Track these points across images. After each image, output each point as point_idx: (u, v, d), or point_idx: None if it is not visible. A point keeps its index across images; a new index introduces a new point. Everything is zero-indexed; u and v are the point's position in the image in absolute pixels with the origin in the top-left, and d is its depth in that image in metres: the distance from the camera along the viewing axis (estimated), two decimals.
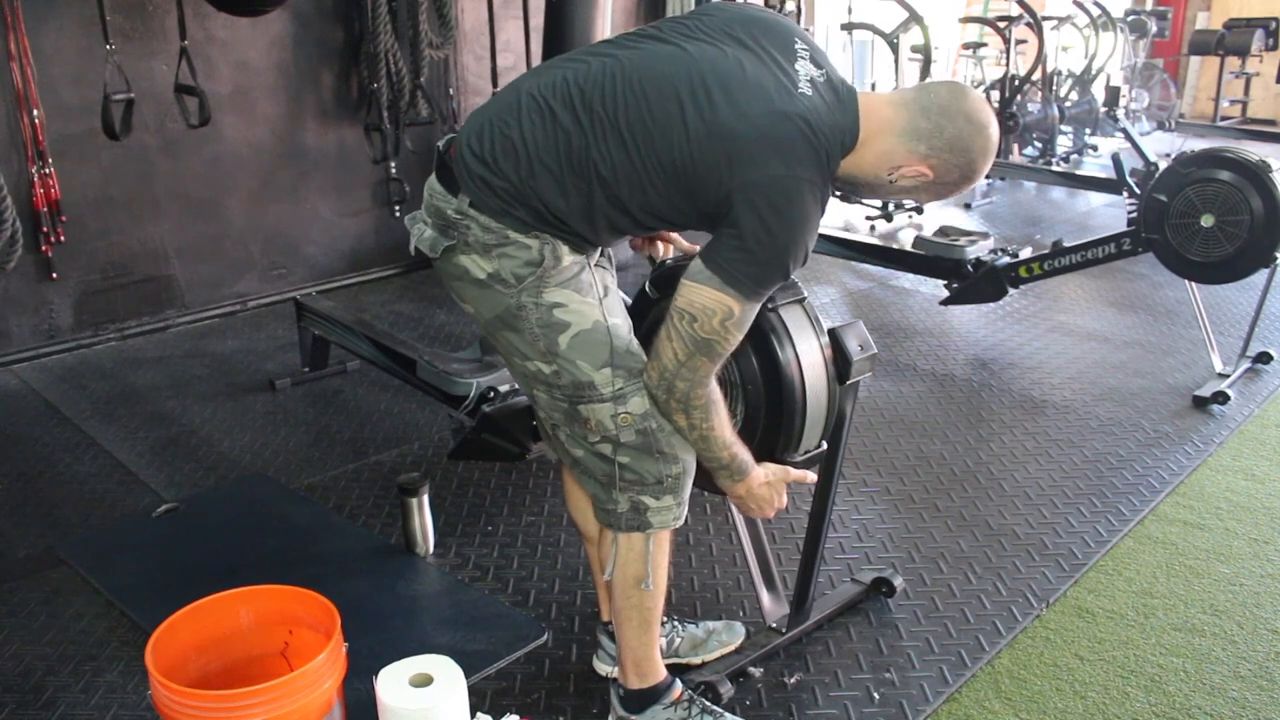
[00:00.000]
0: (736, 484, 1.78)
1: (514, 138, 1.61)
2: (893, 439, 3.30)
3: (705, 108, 1.55)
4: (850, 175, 1.67)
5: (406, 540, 2.63)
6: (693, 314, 1.59)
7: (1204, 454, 3.18)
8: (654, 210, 1.63)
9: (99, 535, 2.74)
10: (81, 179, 4.08)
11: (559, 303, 1.66)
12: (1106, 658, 2.24)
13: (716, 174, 1.55)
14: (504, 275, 1.65)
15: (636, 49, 1.64)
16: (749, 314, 1.62)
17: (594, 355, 1.68)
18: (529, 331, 1.68)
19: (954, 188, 1.68)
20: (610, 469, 1.75)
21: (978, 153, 1.63)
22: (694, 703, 1.93)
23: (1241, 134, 8.00)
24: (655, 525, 1.78)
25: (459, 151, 1.66)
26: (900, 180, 1.66)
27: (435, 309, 4.65)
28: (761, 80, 1.57)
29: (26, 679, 2.17)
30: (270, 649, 1.84)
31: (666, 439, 1.73)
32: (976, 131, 1.62)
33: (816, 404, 1.86)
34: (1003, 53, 7.62)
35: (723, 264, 1.57)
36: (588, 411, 1.71)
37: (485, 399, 2.71)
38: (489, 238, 1.64)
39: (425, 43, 4.71)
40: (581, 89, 1.60)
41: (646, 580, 1.81)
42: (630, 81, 1.58)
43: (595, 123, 1.58)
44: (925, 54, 6.82)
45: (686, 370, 1.63)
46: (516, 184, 1.61)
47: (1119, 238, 3.86)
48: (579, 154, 1.58)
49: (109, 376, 3.89)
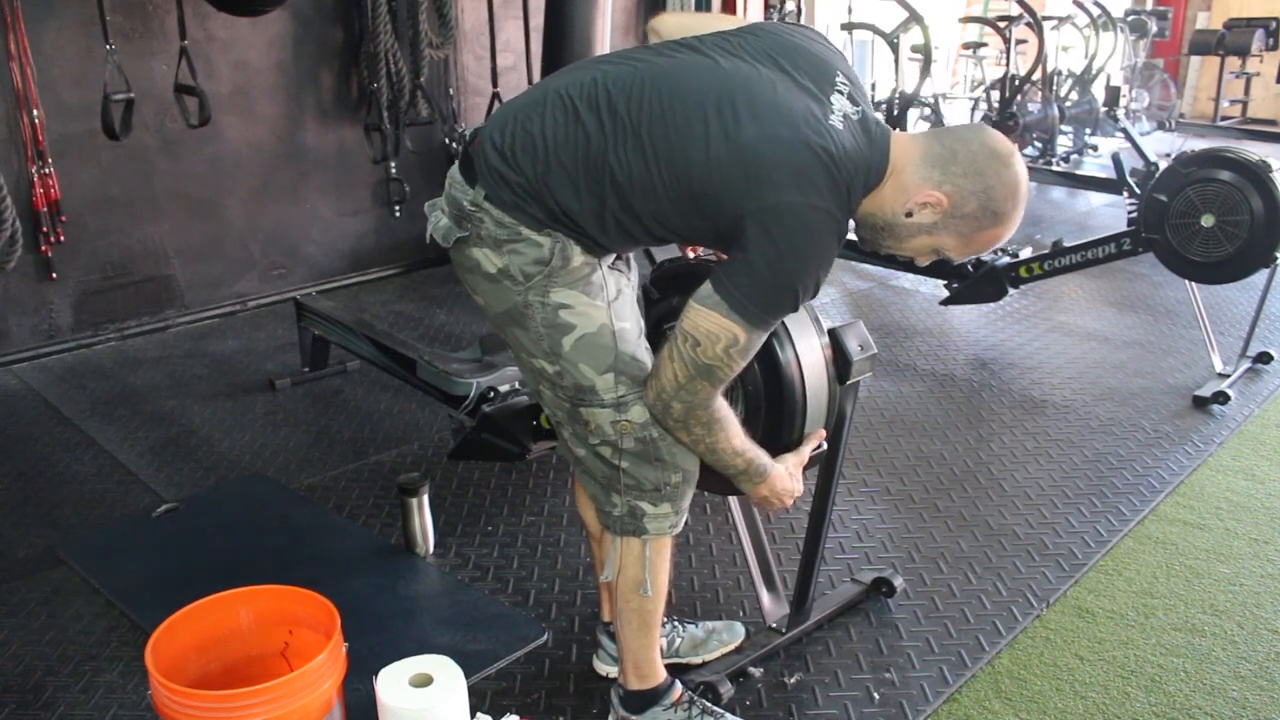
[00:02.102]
0: (758, 486, 1.77)
1: (534, 133, 1.59)
2: (893, 439, 3.30)
3: (730, 126, 1.52)
4: (871, 215, 1.64)
5: (406, 540, 2.63)
6: (696, 338, 1.56)
7: (1204, 454, 3.18)
8: (666, 222, 1.61)
9: (99, 535, 2.74)
10: (81, 179, 4.07)
11: (565, 304, 1.65)
12: (1106, 658, 2.24)
13: (732, 194, 1.52)
14: (513, 271, 1.64)
15: (672, 58, 1.62)
16: (755, 342, 1.59)
17: (597, 360, 1.66)
18: (535, 330, 1.67)
19: (977, 224, 1.59)
20: (609, 471, 1.75)
21: (993, 178, 1.56)
22: (694, 704, 1.93)
23: (1242, 134, 7.99)
24: (651, 532, 1.78)
25: (480, 143, 1.65)
26: (918, 215, 1.60)
27: (435, 309, 4.65)
28: (792, 106, 1.54)
29: (26, 679, 2.17)
30: (270, 649, 1.84)
31: (667, 447, 1.72)
32: (993, 156, 1.56)
33: (816, 404, 1.85)
34: (1003, 53, 7.62)
35: (731, 289, 1.54)
36: (588, 415, 1.70)
37: (485, 399, 2.71)
38: (501, 232, 1.62)
39: (425, 43, 4.71)
40: (609, 92, 1.58)
41: (645, 586, 1.81)
42: (659, 90, 1.56)
43: (618, 127, 1.56)
44: (925, 54, 6.82)
45: (685, 393, 1.60)
46: (532, 180, 1.59)
47: (1119, 238, 3.86)
48: (596, 156, 1.57)
49: (109, 376, 3.89)
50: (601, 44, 4.16)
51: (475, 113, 5.27)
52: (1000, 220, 1.59)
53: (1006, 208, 1.58)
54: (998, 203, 1.57)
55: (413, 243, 5.22)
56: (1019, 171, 1.58)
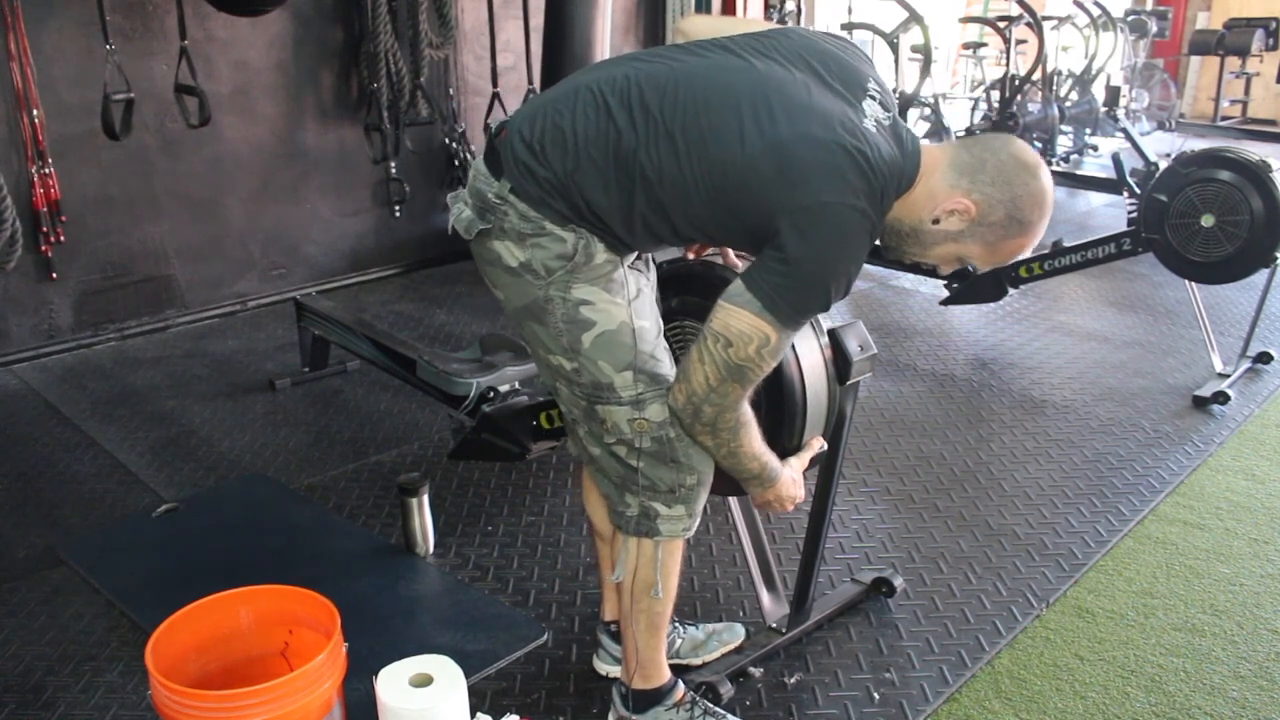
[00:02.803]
0: (766, 490, 1.77)
1: (565, 128, 1.59)
2: (893, 439, 3.30)
3: (766, 124, 1.52)
4: (898, 221, 1.63)
5: (406, 540, 2.63)
6: (728, 338, 1.55)
7: (1204, 454, 3.18)
8: (696, 220, 1.60)
9: (99, 535, 2.74)
10: (81, 179, 4.07)
11: (586, 300, 1.64)
12: (1106, 658, 2.24)
13: (767, 193, 1.51)
14: (535, 266, 1.63)
15: (706, 58, 1.62)
16: (785, 342, 1.58)
17: (616, 357, 1.66)
18: (554, 326, 1.67)
19: (1002, 233, 1.59)
20: (624, 471, 1.74)
21: (1020, 188, 1.56)
22: (696, 704, 1.93)
23: (1242, 134, 8.00)
24: (664, 533, 1.77)
25: (508, 136, 1.64)
26: (944, 222, 1.60)
27: (435, 309, 4.65)
28: (827, 108, 1.54)
29: (26, 679, 2.17)
30: (270, 649, 1.84)
31: (684, 449, 1.71)
32: (1021, 167, 1.57)
33: (816, 404, 1.86)
34: (1003, 53, 7.62)
35: (764, 287, 1.53)
36: (604, 413, 1.70)
37: (485, 399, 2.71)
38: (525, 226, 1.62)
39: (425, 43, 4.71)
40: (641, 89, 1.58)
41: (656, 588, 1.81)
42: (693, 89, 1.56)
43: (650, 124, 1.55)
44: (925, 54, 6.82)
45: (716, 395, 1.59)
46: (560, 175, 1.59)
47: (1119, 238, 3.86)
48: (628, 153, 1.56)
49: (109, 376, 3.89)
50: (601, 44, 4.16)
51: (475, 113, 5.27)
52: (1026, 230, 1.59)
53: (1033, 217, 1.58)
54: (1024, 212, 1.57)
55: (413, 243, 5.22)
56: (1046, 183, 1.58)
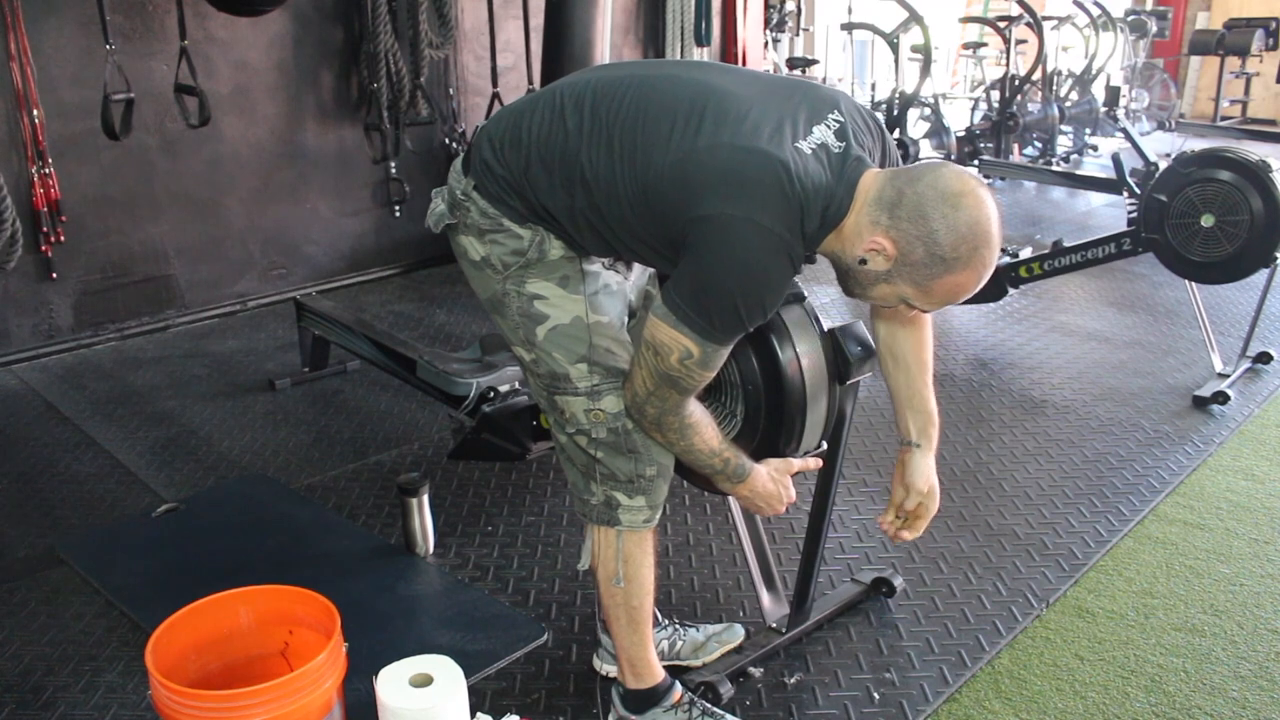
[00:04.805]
0: (737, 486, 1.78)
1: (522, 129, 1.65)
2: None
3: (691, 132, 1.51)
4: (835, 256, 1.58)
5: (406, 540, 2.63)
6: (655, 348, 1.58)
7: (1204, 454, 3.18)
8: (629, 227, 1.60)
9: (99, 535, 2.74)
10: (81, 179, 4.07)
11: (540, 294, 1.69)
12: (1106, 658, 2.24)
13: (680, 201, 1.50)
14: (494, 260, 1.70)
15: (667, 71, 1.67)
16: (711, 355, 1.56)
17: (570, 350, 1.70)
18: (511, 318, 1.73)
19: (928, 272, 1.47)
20: (586, 460, 1.77)
21: (939, 222, 1.43)
22: (694, 705, 1.93)
23: (1242, 134, 7.99)
24: (624, 524, 1.79)
25: (479, 136, 1.72)
26: (871, 262, 1.51)
27: (435, 309, 4.65)
28: (760, 122, 1.49)
29: (26, 679, 2.17)
30: (270, 649, 1.84)
31: (641, 440, 1.74)
32: (939, 199, 1.43)
33: (817, 404, 1.86)
34: (1003, 53, 7.63)
35: (676, 299, 1.53)
36: (563, 403, 1.74)
37: (485, 399, 2.71)
38: (485, 222, 1.68)
39: (425, 43, 4.71)
40: (595, 94, 1.61)
41: (618, 578, 1.82)
42: (640, 96, 1.58)
43: (595, 128, 1.59)
44: (925, 54, 6.82)
45: (656, 399, 1.63)
46: (516, 174, 1.64)
47: (1119, 238, 3.86)
48: (572, 155, 1.60)
49: (109, 376, 3.89)
50: (601, 44, 4.16)
51: (475, 113, 5.27)
52: (953, 267, 1.46)
53: (959, 253, 1.44)
54: (945, 249, 1.44)
55: (413, 243, 5.22)
56: (970, 214, 1.43)
